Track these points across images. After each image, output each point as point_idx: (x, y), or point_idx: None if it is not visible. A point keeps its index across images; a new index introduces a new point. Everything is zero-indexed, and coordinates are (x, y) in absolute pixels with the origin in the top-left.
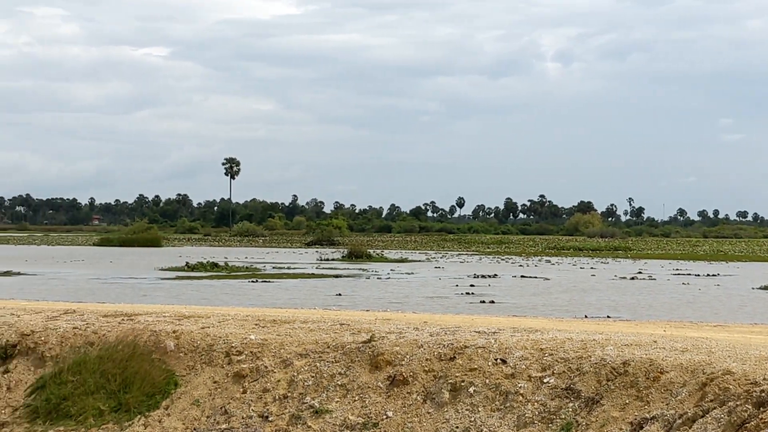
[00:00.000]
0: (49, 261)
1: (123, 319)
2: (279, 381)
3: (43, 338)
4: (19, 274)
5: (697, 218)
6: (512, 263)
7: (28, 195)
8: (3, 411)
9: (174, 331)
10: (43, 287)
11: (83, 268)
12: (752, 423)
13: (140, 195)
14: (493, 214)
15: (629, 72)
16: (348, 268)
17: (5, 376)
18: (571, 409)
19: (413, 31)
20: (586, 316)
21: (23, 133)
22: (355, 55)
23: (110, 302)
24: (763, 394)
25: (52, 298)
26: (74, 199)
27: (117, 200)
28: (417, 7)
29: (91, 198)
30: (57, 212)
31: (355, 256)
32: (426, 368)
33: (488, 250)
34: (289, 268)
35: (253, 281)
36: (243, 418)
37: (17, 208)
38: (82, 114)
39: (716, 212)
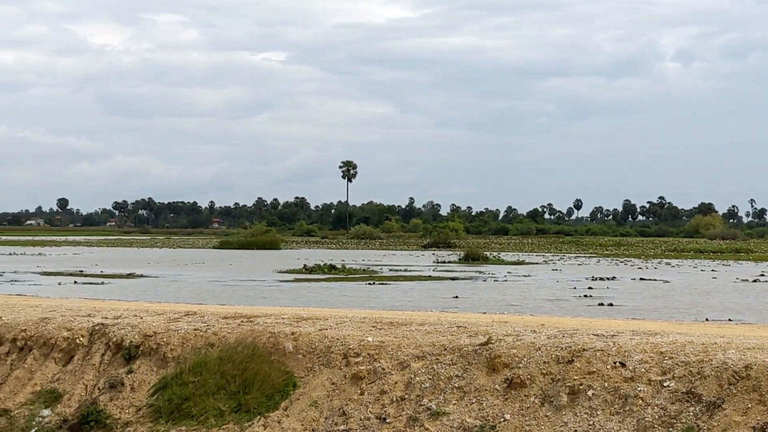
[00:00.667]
0: (170, 264)
1: (242, 321)
2: (396, 383)
3: (165, 339)
4: (141, 276)
5: None
6: (631, 266)
7: (150, 199)
8: (127, 410)
9: (292, 333)
10: (165, 289)
11: (203, 270)
12: None
13: (259, 198)
14: (611, 216)
15: (749, 71)
16: (465, 271)
17: (129, 376)
18: (692, 414)
19: (529, 33)
20: (707, 319)
21: (145, 138)
22: (471, 57)
23: (230, 304)
24: None
25: (173, 300)
26: (195, 203)
27: (236, 203)
28: (533, 8)
29: (211, 201)
30: (178, 215)
31: (471, 258)
32: (543, 371)
33: (606, 252)
34: (405, 270)
35: (370, 283)
36: (361, 419)
37: (140, 211)
38: (201, 119)
39: None
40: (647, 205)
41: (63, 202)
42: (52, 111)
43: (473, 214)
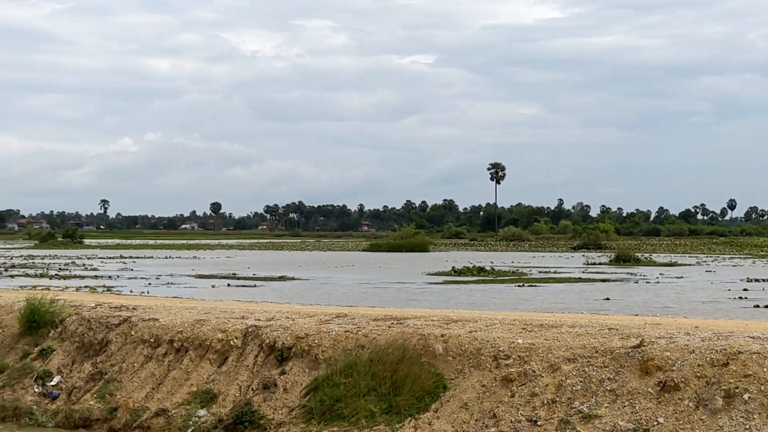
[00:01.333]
0: (320, 266)
1: (392, 323)
2: (547, 385)
3: (316, 341)
4: (293, 279)
5: None
6: None
7: (300, 202)
8: (280, 411)
9: (442, 335)
10: (316, 292)
11: (353, 273)
12: None
13: (407, 201)
14: (766, 216)
15: None
16: (615, 272)
17: (282, 377)
18: None
19: (680, 31)
20: None
21: (296, 142)
22: (620, 56)
23: (380, 306)
24: None
25: (324, 303)
26: (344, 206)
27: (385, 206)
28: (684, 6)
29: (360, 204)
30: (328, 219)
31: (622, 260)
32: (698, 374)
33: (762, 253)
34: (555, 272)
35: (519, 285)
36: (511, 422)
37: (291, 215)
38: (351, 122)
39: None
40: None
41: (216, 206)
42: (205, 117)
43: (624, 215)
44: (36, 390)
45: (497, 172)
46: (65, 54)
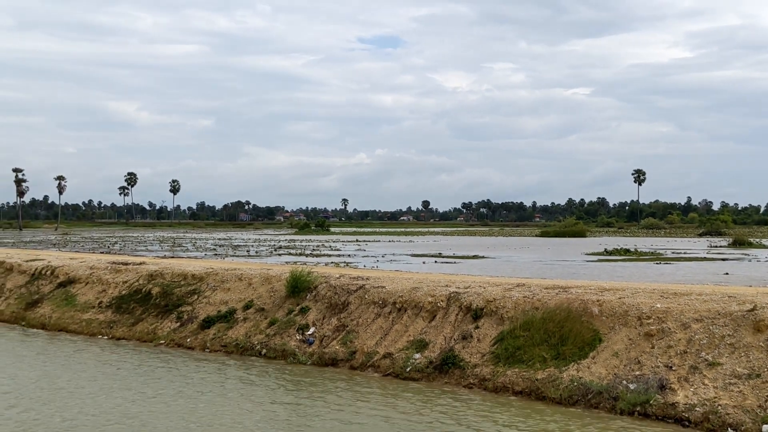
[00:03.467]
0: (503, 248)
1: (559, 291)
2: (680, 339)
3: (501, 304)
4: (483, 257)
5: None
6: None
7: (488, 200)
8: (475, 356)
9: (597, 300)
10: (500, 267)
11: (528, 253)
12: None
13: (570, 198)
14: None
15: None
16: (733, 253)
17: (476, 331)
18: None
19: None
20: None
21: (486, 155)
22: (738, 86)
23: (549, 278)
24: None
25: (506, 275)
26: (521, 203)
27: (552, 203)
28: None
29: (533, 201)
30: (509, 212)
31: (738, 243)
32: None
33: None
34: (685, 253)
35: (657, 263)
36: (651, 367)
37: (481, 210)
38: (527, 139)
39: None
40: None
41: (426, 203)
42: (418, 137)
43: (739, 209)
44: (297, 337)
45: (639, 177)
46: (318, 92)
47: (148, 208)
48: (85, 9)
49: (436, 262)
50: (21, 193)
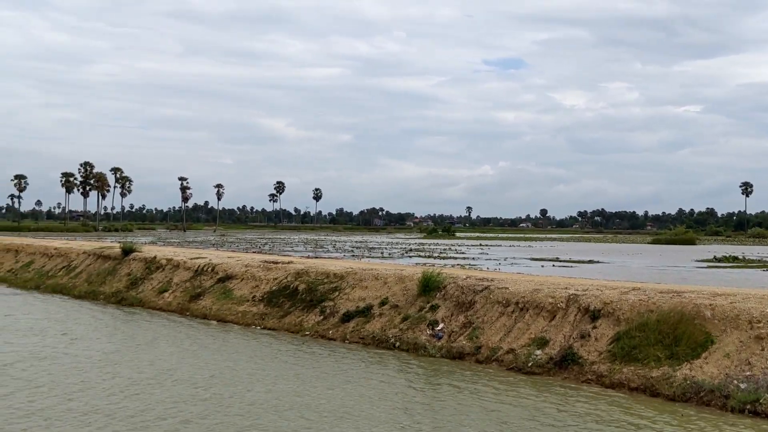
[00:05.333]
0: (617, 254)
1: (673, 295)
2: None
3: (618, 306)
4: (598, 262)
5: None
6: None
7: (603, 209)
8: (592, 354)
9: (710, 304)
10: (615, 272)
11: (641, 259)
12: None
13: (680, 209)
14: None
15: None
16: None
17: (593, 330)
18: None
19: None
20: None
21: (601, 168)
22: None
23: (662, 283)
24: None
25: (621, 279)
26: (633, 212)
27: (663, 212)
28: None
29: (645, 211)
30: (622, 221)
31: None
32: None
33: None
34: None
35: (765, 270)
36: (762, 368)
37: (595, 218)
38: (640, 153)
39: None
40: None
41: (544, 212)
42: (538, 151)
43: None
44: (428, 332)
45: (747, 189)
46: (446, 110)
47: (293, 213)
48: (243, 37)
49: (554, 265)
50: (185, 199)
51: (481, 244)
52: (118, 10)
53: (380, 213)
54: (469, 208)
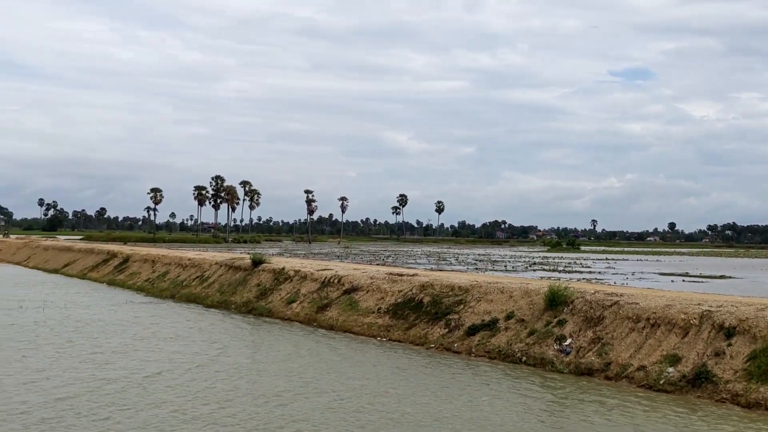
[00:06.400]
0: (750, 269)
1: None
2: None
3: (754, 323)
4: (730, 277)
5: None
6: None
7: (734, 223)
8: (727, 372)
9: None
10: (748, 287)
11: None
12: None
13: None
14: None
15: None
16: None
17: (728, 348)
18: None
19: None
20: None
21: (733, 180)
22: None
23: None
24: None
25: (756, 295)
26: (767, 226)
27: None
28: None
29: None
30: (754, 235)
31: None
32: None
33: None
34: None
35: None
36: None
37: (726, 232)
38: None
39: None
40: None
41: (672, 225)
42: (666, 163)
43: None
44: (555, 347)
45: None
46: (570, 122)
47: (416, 225)
48: (366, 52)
49: (683, 280)
50: (311, 212)
51: (607, 258)
52: (246, 29)
53: (503, 226)
54: (593, 221)
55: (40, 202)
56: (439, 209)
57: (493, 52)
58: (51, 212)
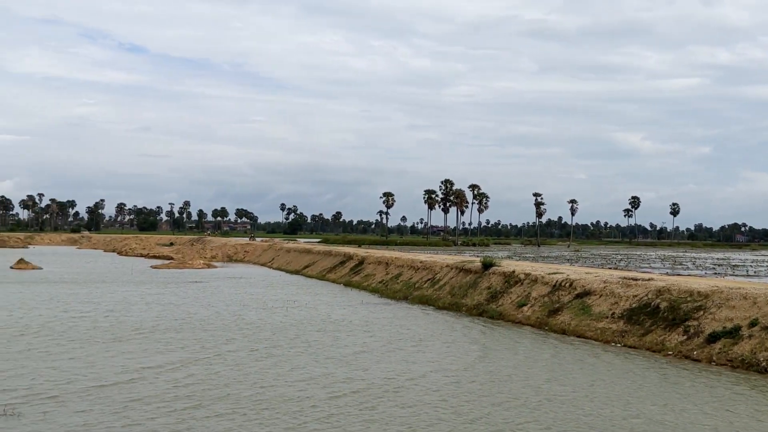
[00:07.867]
0: None
1: None
2: None
3: None
4: None
5: None
6: None
7: None
8: None
9: None
10: None
11: None
12: None
13: None
14: None
15: None
16: None
17: None
18: None
19: None
20: None
21: None
22: None
23: None
24: None
25: None
26: None
27: None
28: None
29: None
30: None
31: None
32: None
33: None
34: None
35: None
36: None
37: None
38: None
39: None
40: None
41: None
42: None
43: None
44: None
45: None
46: None
47: (648, 228)
48: (598, 51)
49: None
50: (539, 215)
51: None
52: (476, 34)
53: (742, 229)
54: None
55: (282, 207)
56: (674, 211)
57: (732, 47)
58: (291, 216)
